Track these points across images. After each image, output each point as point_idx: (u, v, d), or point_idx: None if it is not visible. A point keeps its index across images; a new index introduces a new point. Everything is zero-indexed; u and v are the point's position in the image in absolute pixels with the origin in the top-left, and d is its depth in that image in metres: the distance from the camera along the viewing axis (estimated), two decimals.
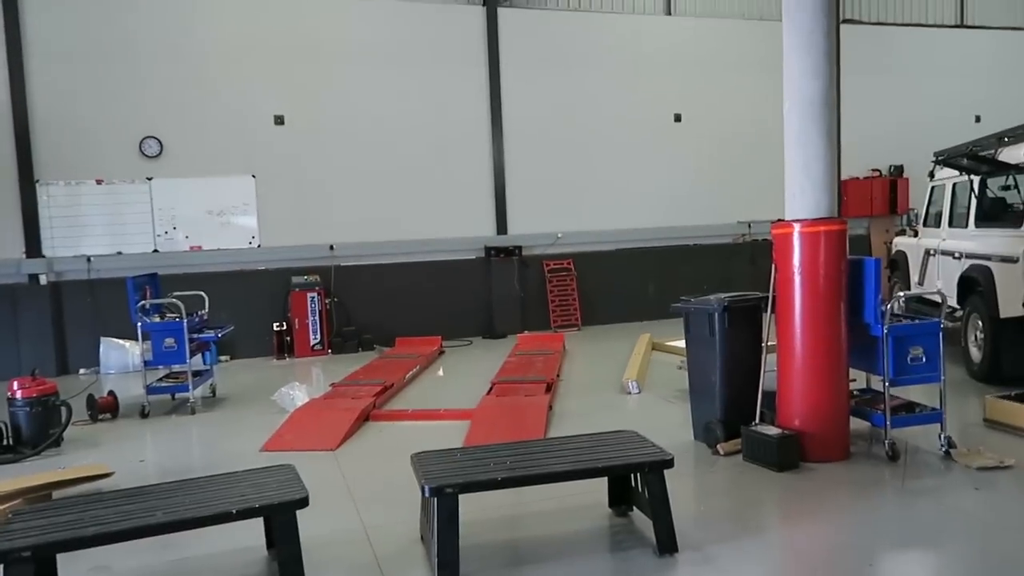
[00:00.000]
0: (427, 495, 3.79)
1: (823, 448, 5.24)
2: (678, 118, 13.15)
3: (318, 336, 11.09)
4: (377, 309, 11.52)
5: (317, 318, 11.04)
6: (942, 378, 5.32)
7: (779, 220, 5.50)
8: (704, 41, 13.22)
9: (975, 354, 7.39)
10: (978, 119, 13.80)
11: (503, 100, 12.27)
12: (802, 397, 5.32)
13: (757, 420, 5.47)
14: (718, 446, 5.53)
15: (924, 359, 5.30)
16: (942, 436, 5.28)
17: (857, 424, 5.62)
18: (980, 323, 7.27)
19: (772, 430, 5.27)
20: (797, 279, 5.29)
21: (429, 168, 11.92)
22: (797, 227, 5.30)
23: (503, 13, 12.21)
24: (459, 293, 11.98)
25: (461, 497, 3.78)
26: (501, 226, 12.41)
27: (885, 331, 5.20)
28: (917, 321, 5.54)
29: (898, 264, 10.21)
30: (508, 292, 12.14)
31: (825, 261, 5.24)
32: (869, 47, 14.04)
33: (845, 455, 5.33)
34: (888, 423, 5.25)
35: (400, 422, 7.07)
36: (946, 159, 8.33)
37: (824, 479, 5.00)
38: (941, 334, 5.34)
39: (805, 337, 5.29)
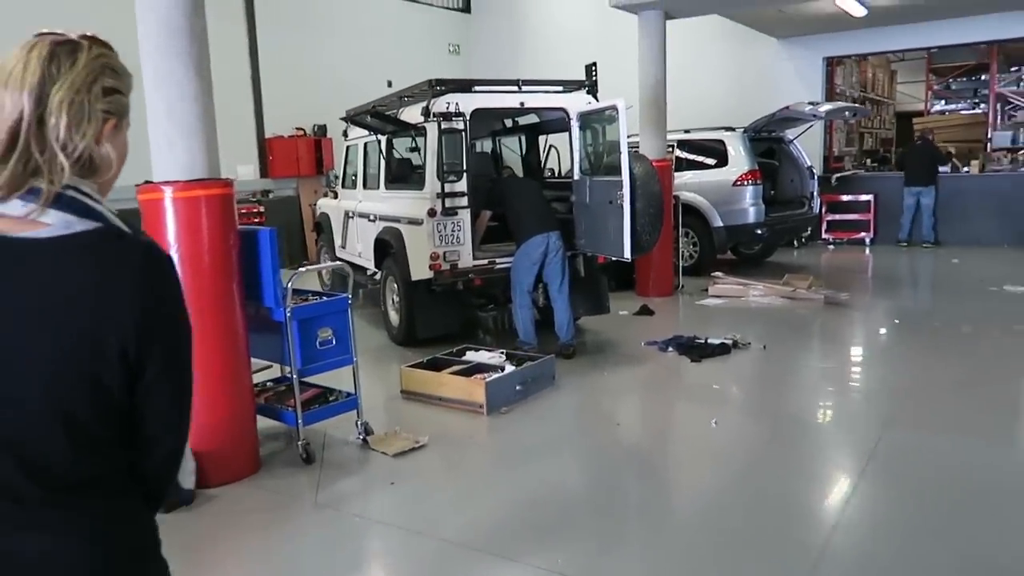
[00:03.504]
0: None
1: (227, 468, 4.21)
2: None
3: None
4: None
5: None
6: (354, 359, 4.74)
7: (146, 182, 4.20)
8: None
9: (394, 317, 7.25)
10: (390, 83, 14.34)
11: None
12: (196, 410, 4.18)
13: None
14: None
15: (334, 341, 4.65)
16: (359, 423, 4.74)
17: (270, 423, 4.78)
18: (396, 286, 7.12)
19: None
20: (175, 259, 4.09)
21: None
22: (168, 191, 4.08)
23: None
24: None
25: None
26: None
27: (288, 315, 4.38)
28: (324, 299, 4.86)
29: (323, 227, 9.83)
30: None
31: (209, 234, 4.15)
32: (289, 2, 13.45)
33: (256, 466, 4.41)
34: (300, 421, 4.48)
35: None
36: (354, 117, 8.01)
37: (228, 510, 3.98)
38: (349, 311, 4.74)
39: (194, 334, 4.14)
